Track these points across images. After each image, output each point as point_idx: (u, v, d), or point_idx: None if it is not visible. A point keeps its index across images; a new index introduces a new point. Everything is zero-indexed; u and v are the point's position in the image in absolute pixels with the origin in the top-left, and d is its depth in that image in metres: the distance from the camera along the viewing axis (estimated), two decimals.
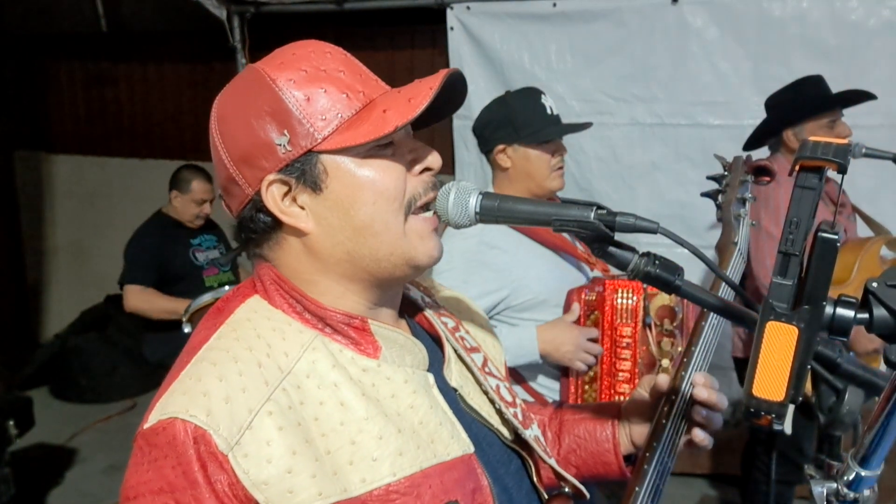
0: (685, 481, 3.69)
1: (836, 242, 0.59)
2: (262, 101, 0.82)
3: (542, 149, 1.96)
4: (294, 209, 0.84)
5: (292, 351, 0.82)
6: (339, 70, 0.86)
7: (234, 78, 0.89)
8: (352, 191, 0.83)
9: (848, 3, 3.00)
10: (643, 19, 3.28)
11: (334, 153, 0.83)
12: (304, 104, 0.82)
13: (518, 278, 1.91)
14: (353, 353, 0.85)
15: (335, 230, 0.84)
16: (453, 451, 0.86)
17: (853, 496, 0.69)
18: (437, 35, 3.80)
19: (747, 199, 1.67)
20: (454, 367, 0.96)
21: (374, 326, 0.87)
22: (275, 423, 0.76)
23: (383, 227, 0.84)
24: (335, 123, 0.82)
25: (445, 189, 0.87)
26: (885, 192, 3.03)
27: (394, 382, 0.85)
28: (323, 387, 0.81)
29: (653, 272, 0.80)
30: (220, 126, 0.86)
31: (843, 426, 0.69)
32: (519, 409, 1.02)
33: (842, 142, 0.62)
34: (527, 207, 0.85)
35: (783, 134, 2.61)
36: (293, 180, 0.83)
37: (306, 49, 0.87)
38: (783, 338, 0.62)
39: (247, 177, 0.84)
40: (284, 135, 0.81)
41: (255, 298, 0.88)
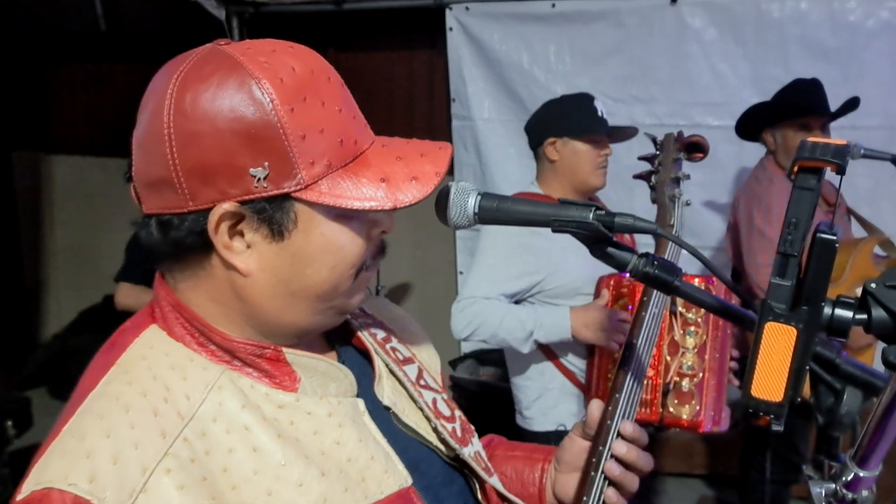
0: (683, 482, 3.69)
1: (835, 243, 0.60)
2: (249, 118, 0.69)
3: (592, 144, 2.10)
4: (238, 245, 0.73)
5: (195, 392, 0.72)
6: (336, 106, 0.75)
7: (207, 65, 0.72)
8: (315, 250, 0.74)
9: (846, 4, 3.01)
10: (642, 20, 3.28)
11: (312, 205, 0.73)
12: (298, 141, 0.70)
13: (555, 264, 2.05)
14: (267, 388, 0.76)
15: (281, 282, 0.75)
16: (388, 486, 0.79)
17: (851, 497, 0.69)
18: (436, 35, 3.79)
19: (681, 178, 1.68)
20: (386, 384, 0.88)
21: (290, 355, 0.78)
22: (174, 481, 0.66)
23: (332, 290, 0.77)
24: (320, 171, 0.72)
25: (444, 189, 0.87)
26: (884, 193, 3.04)
27: (316, 417, 0.77)
28: (232, 431, 0.72)
29: (651, 273, 0.80)
30: (180, 121, 0.70)
31: (841, 427, 0.69)
32: (458, 422, 0.95)
33: (840, 142, 0.62)
34: (525, 208, 0.84)
35: (762, 134, 2.63)
36: (251, 215, 0.72)
37: (307, 66, 0.74)
38: (782, 338, 0.62)
39: (194, 191, 0.70)
40: (265, 167, 0.70)
41: (153, 329, 0.78)
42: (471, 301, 2.03)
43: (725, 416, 1.86)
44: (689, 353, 1.78)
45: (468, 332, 2.03)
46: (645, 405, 1.79)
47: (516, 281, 2.06)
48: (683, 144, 1.75)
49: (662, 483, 3.70)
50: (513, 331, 2.00)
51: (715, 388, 1.81)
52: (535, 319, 2.00)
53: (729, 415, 1.87)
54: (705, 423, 1.78)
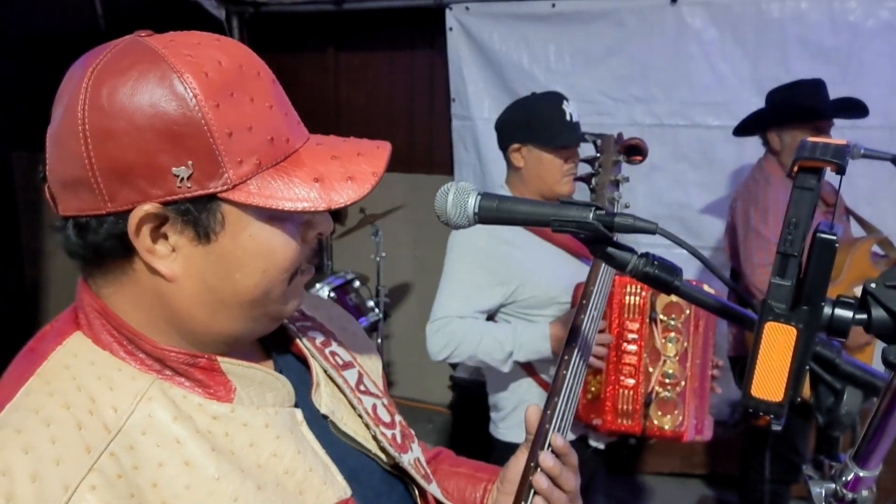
0: (682, 482, 3.69)
1: (835, 243, 0.60)
2: (171, 114, 0.65)
3: (556, 153, 1.99)
4: (162, 248, 0.69)
5: (122, 403, 0.68)
6: (268, 103, 0.71)
7: (125, 58, 0.67)
8: (244, 253, 0.71)
9: (846, 4, 3.01)
10: (642, 20, 3.28)
11: (241, 206, 0.69)
12: (224, 139, 0.66)
13: (527, 273, 1.96)
14: (200, 399, 0.72)
15: (208, 287, 0.71)
16: (326, 499, 0.76)
17: (851, 497, 0.69)
18: (436, 35, 3.80)
19: (621, 181, 1.68)
20: (324, 391, 0.85)
21: (225, 365, 0.75)
22: (99, 498, 0.63)
23: (263, 296, 0.74)
24: (249, 170, 0.68)
25: (444, 189, 0.87)
26: (884, 193, 3.04)
27: (252, 429, 0.74)
28: (163, 444, 0.68)
29: (651, 273, 0.80)
30: (96, 117, 0.65)
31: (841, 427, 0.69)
32: (398, 428, 0.92)
33: (840, 142, 0.62)
34: (526, 208, 0.84)
35: (767, 133, 2.62)
36: (174, 216, 0.68)
37: (234, 60, 0.70)
38: (782, 338, 0.62)
39: (112, 192, 0.66)
40: (188, 166, 0.66)
41: (77, 336, 0.73)
42: (445, 321, 1.94)
43: (709, 423, 1.83)
44: (670, 361, 1.75)
45: (445, 355, 1.94)
46: (626, 416, 1.77)
47: (489, 293, 1.97)
48: (623, 147, 1.75)
49: (662, 483, 3.70)
50: (491, 352, 1.91)
51: (697, 395, 1.78)
52: (514, 339, 1.91)
53: (712, 422, 1.85)
54: (688, 433, 1.75)
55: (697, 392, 1.78)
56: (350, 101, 4.38)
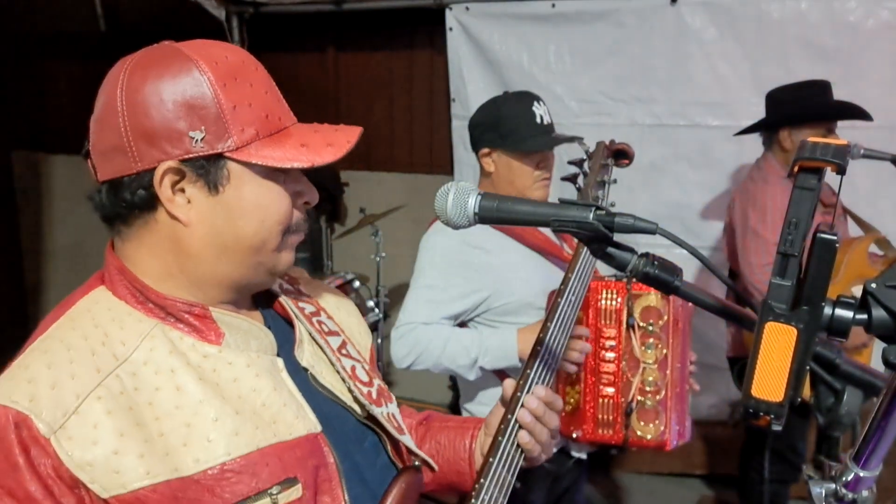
0: (682, 482, 3.69)
1: (835, 244, 0.60)
2: (188, 90, 0.84)
3: (525, 159, 1.92)
4: (180, 199, 0.86)
5: (130, 340, 0.85)
6: (263, 89, 0.89)
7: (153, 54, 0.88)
8: (246, 204, 0.87)
9: (846, 4, 3.01)
10: (642, 20, 3.28)
11: (243, 164, 0.86)
12: (230, 110, 0.84)
13: (501, 279, 1.89)
14: (194, 341, 0.88)
15: (215, 232, 0.88)
16: (297, 430, 0.89)
17: (851, 497, 0.69)
18: (436, 36, 3.79)
19: (606, 182, 1.68)
20: (306, 349, 0.99)
21: (216, 313, 0.90)
22: (104, 407, 0.79)
23: (261, 244, 0.89)
24: (251, 137, 0.86)
25: (444, 189, 0.87)
26: (884, 193, 3.03)
27: (236, 367, 0.89)
28: (160, 373, 0.84)
29: (651, 273, 0.80)
30: (130, 96, 0.84)
31: (841, 427, 0.69)
32: (375, 388, 1.05)
33: (841, 142, 0.62)
34: (526, 208, 0.85)
35: (778, 133, 2.61)
36: (190, 173, 0.85)
37: (238, 57, 0.89)
38: (782, 338, 0.62)
39: (142, 153, 0.84)
40: (201, 130, 0.84)
41: (100, 290, 0.90)
42: (410, 327, 1.87)
43: (688, 425, 1.80)
44: (649, 369, 1.71)
45: (409, 362, 1.87)
46: (607, 426, 1.73)
47: (458, 301, 1.90)
48: (611, 151, 1.75)
49: (662, 483, 3.70)
50: (456, 358, 1.84)
51: (679, 401, 1.75)
52: (480, 345, 1.84)
53: (692, 423, 1.82)
54: (671, 441, 1.72)
55: (679, 397, 1.75)
56: (350, 101, 4.38)
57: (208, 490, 0.81)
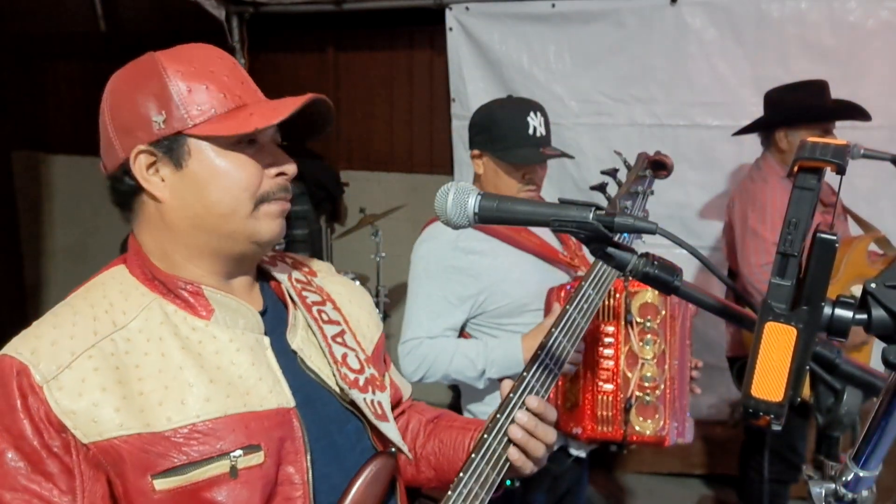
0: (682, 482, 3.69)
1: (835, 243, 0.60)
2: (151, 84, 0.95)
3: (511, 168, 1.91)
4: (155, 179, 0.97)
5: (131, 310, 0.96)
6: (224, 73, 0.99)
7: (132, 62, 1.01)
8: (208, 174, 0.96)
9: (846, 4, 3.01)
10: (642, 20, 3.28)
11: (200, 138, 0.95)
12: (185, 93, 0.95)
13: (494, 282, 1.89)
14: (186, 314, 0.98)
15: (187, 204, 0.97)
16: (268, 403, 0.97)
17: (851, 497, 0.69)
18: (436, 35, 3.79)
19: (640, 193, 1.64)
20: (299, 333, 1.07)
21: (208, 291, 1.00)
22: (92, 364, 0.90)
23: (230, 211, 0.97)
24: (208, 115, 0.95)
25: (444, 189, 0.87)
26: (884, 193, 3.03)
27: (219, 341, 0.97)
28: (151, 340, 0.94)
29: (651, 273, 0.80)
30: (111, 97, 0.99)
31: (841, 427, 0.69)
32: (365, 376, 1.11)
33: (840, 142, 0.62)
34: (526, 208, 0.85)
35: (774, 133, 2.62)
36: (160, 154, 0.96)
37: (202, 50, 1.01)
38: (782, 338, 0.62)
39: (123, 143, 0.97)
40: (161, 114, 0.94)
41: (120, 267, 1.02)
42: (416, 343, 1.88)
43: (689, 426, 1.80)
44: (648, 364, 1.72)
45: (419, 376, 1.88)
46: (606, 422, 1.73)
47: (458, 308, 1.90)
48: (649, 162, 1.71)
49: (662, 483, 3.70)
50: (464, 371, 1.85)
51: (677, 398, 1.75)
52: (486, 356, 1.84)
53: (693, 424, 1.81)
54: (670, 438, 1.71)
55: (677, 394, 1.75)
56: (350, 101, 4.38)
57: (175, 447, 0.90)
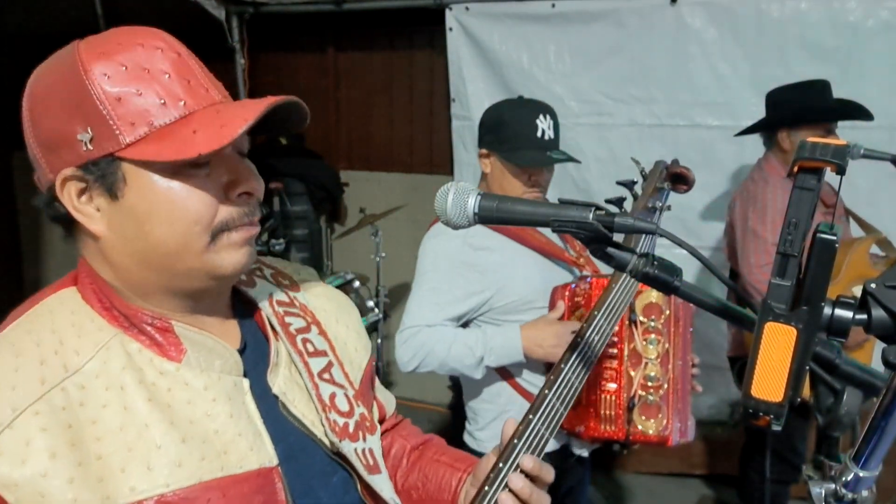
0: (682, 482, 3.69)
1: (835, 244, 0.60)
2: (71, 90, 0.76)
3: (517, 170, 1.91)
4: (89, 209, 0.79)
5: (85, 349, 0.78)
6: (163, 71, 0.78)
7: (54, 54, 0.80)
8: (149, 206, 0.78)
9: (846, 5, 3.01)
10: (642, 20, 3.28)
11: (137, 163, 0.77)
12: (113, 104, 0.75)
13: (503, 279, 1.90)
14: (153, 355, 0.81)
15: (128, 240, 0.80)
16: (248, 463, 0.82)
17: (851, 497, 0.69)
18: (436, 36, 3.80)
19: (658, 209, 1.60)
20: (281, 373, 0.92)
21: (179, 328, 0.83)
22: (39, 423, 0.73)
23: (180, 248, 0.80)
24: (144, 131, 0.76)
25: (444, 189, 0.87)
26: (884, 193, 3.03)
27: (192, 388, 0.81)
28: (111, 388, 0.77)
29: (651, 273, 0.80)
30: (29, 102, 0.80)
31: (841, 427, 0.69)
32: (355, 419, 0.97)
33: (840, 142, 0.62)
34: (525, 208, 0.84)
35: (777, 134, 2.62)
36: (91, 180, 0.77)
37: (135, 39, 0.79)
38: (782, 338, 0.62)
39: (48, 162, 0.79)
40: (87, 132, 0.76)
41: (70, 290, 0.84)
42: (414, 330, 1.87)
43: (691, 425, 1.80)
44: (651, 364, 1.71)
45: (415, 365, 1.87)
46: (610, 422, 1.72)
47: (462, 303, 1.90)
48: (670, 175, 1.67)
49: (662, 483, 3.70)
50: (462, 358, 1.84)
51: (680, 397, 1.75)
52: (485, 344, 1.84)
53: (694, 423, 1.81)
54: (673, 437, 1.71)
55: (680, 394, 1.75)
56: (350, 101, 4.38)
57: None
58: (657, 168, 1.71)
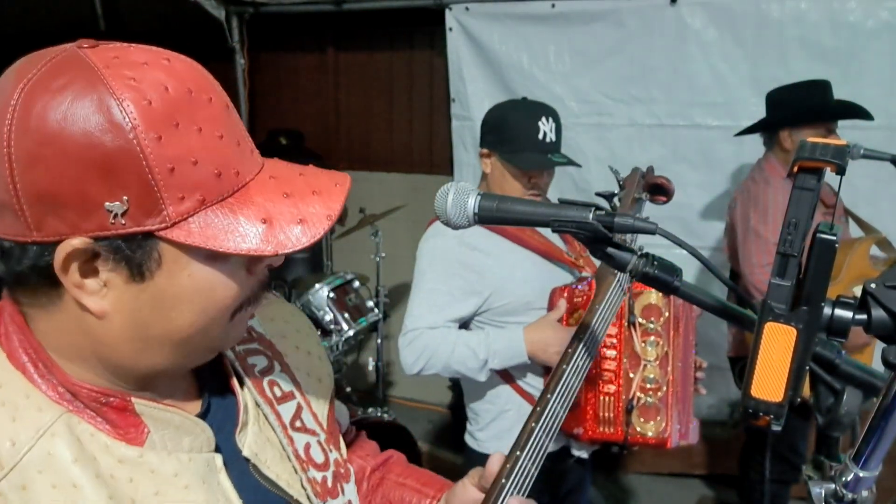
0: (682, 482, 3.69)
1: (835, 244, 0.60)
2: (106, 147, 0.59)
3: (518, 172, 1.91)
4: (92, 284, 0.64)
5: (22, 437, 0.63)
6: (218, 132, 0.65)
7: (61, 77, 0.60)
8: (181, 293, 0.66)
9: (846, 5, 3.01)
10: (642, 20, 3.28)
11: (179, 246, 0.64)
12: (165, 174, 0.61)
13: (500, 280, 1.90)
14: (108, 440, 0.67)
15: (139, 325, 0.67)
16: None
17: (851, 497, 0.69)
18: (436, 36, 3.80)
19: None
20: (251, 431, 0.81)
21: (140, 406, 0.70)
22: None
23: (200, 334, 0.70)
24: (195, 207, 0.63)
25: (444, 189, 0.87)
26: (883, 194, 3.03)
27: (159, 476, 0.68)
28: (59, 486, 0.63)
29: (651, 273, 0.80)
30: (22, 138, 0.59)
31: (841, 427, 0.69)
32: (331, 469, 0.88)
33: (840, 142, 0.62)
34: (525, 208, 0.84)
35: (779, 133, 2.62)
36: (107, 254, 0.63)
37: (184, 84, 0.63)
38: (782, 338, 0.62)
39: (38, 220, 0.60)
40: (123, 202, 0.60)
41: None
42: (417, 333, 1.86)
43: (694, 427, 1.79)
44: (650, 366, 1.71)
45: (419, 367, 1.86)
46: (608, 423, 1.72)
47: (462, 303, 1.90)
48: (648, 185, 1.67)
49: (662, 483, 3.70)
50: (466, 361, 1.83)
51: (680, 399, 1.74)
52: (488, 346, 1.83)
53: (698, 425, 1.81)
54: (672, 439, 1.71)
55: (680, 396, 1.74)
56: (350, 101, 4.38)
57: None
58: (634, 176, 1.71)
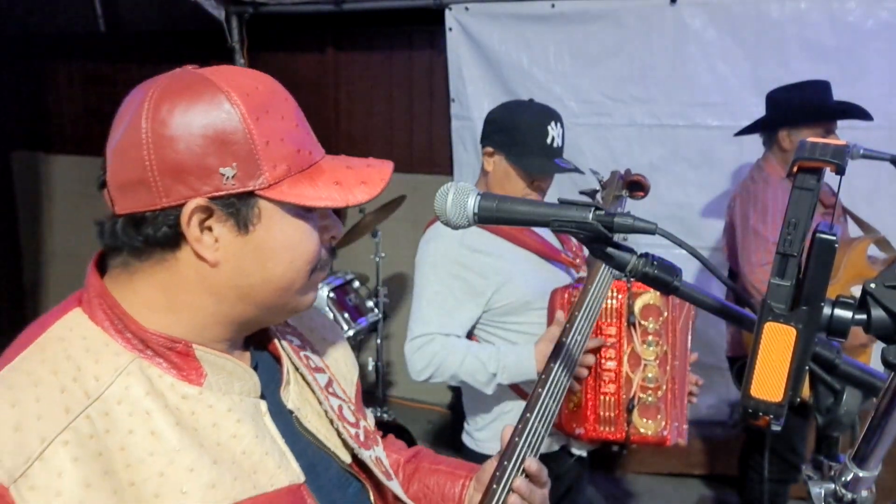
0: (682, 482, 3.69)
1: (835, 244, 0.60)
2: (220, 125, 0.78)
3: (523, 174, 1.92)
4: (207, 238, 0.80)
5: (104, 375, 0.77)
6: (294, 122, 0.85)
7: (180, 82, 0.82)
8: (276, 244, 0.83)
9: (846, 5, 3.01)
10: (642, 20, 3.28)
11: (275, 202, 0.82)
12: (263, 146, 0.80)
13: (501, 280, 1.90)
14: (173, 380, 0.81)
15: (242, 273, 0.82)
16: (279, 481, 0.84)
17: (851, 497, 0.69)
18: (436, 36, 3.80)
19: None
20: (293, 389, 0.94)
21: (199, 352, 0.84)
22: (70, 453, 0.71)
23: (289, 285, 0.85)
24: (284, 174, 0.81)
25: (444, 189, 0.87)
26: (883, 194, 3.04)
27: (216, 411, 0.82)
28: (135, 414, 0.77)
29: (651, 273, 0.80)
30: (157, 128, 0.78)
31: (840, 427, 0.69)
32: (361, 429, 1.01)
33: (840, 142, 0.62)
34: (525, 208, 0.84)
35: (778, 133, 2.62)
36: (220, 211, 0.80)
37: (269, 87, 0.85)
38: (781, 338, 0.62)
39: (168, 188, 0.78)
40: (233, 167, 0.78)
41: (76, 312, 0.83)
42: (427, 338, 1.86)
43: (687, 427, 1.82)
44: (650, 365, 1.73)
45: (427, 375, 1.86)
46: (609, 423, 1.74)
47: (466, 305, 1.90)
48: (626, 183, 1.73)
49: (662, 483, 3.70)
50: (474, 373, 1.83)
51: (679, 398, 1.76)
52: (498, 361, 1.82)
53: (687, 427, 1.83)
54: (671, 438, 1.73)
55: (679, 394, 1.76)
56: (350, 101, 4.38)
57: None
58: (613, 178, 1.75)
